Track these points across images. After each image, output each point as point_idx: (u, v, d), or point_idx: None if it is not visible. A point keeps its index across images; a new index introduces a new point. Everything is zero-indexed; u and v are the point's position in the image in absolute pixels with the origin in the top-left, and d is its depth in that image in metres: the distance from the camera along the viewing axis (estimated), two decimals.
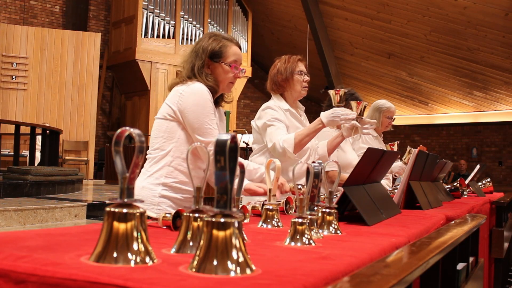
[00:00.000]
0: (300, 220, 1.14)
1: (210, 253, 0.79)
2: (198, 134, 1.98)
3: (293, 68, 2.65)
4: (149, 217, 1.37)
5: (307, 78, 2.67)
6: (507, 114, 12.53)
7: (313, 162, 1.25)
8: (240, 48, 2.14)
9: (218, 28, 12.72)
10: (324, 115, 2.42)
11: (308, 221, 1.16)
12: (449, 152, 14.08)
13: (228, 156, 0.79)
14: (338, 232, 1.37)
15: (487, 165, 11.56)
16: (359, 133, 2.54)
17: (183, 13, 12.13)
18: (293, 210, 1.77)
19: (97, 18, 13.03)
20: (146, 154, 2.08)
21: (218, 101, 2.18)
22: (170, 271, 0.79)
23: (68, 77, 11.03)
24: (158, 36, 11.82)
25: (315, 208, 1.29)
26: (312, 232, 1.22)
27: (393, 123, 3.81)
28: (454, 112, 13.44)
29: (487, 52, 10.77)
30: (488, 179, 4.24)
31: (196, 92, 1.99)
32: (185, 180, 2.02)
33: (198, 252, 0.80)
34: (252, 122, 2.69)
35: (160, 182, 2.02)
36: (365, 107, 2.57)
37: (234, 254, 0.79)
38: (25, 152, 9.10)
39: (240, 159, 1.92)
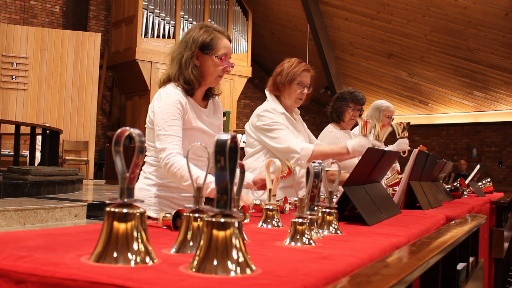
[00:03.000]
0: (300, 220, 1.14)
1: (210, 253, 0.79)
2: (156, 139, 1.95)
3: (294, 76, 2.56)
4: (149, 217, 1.37)
5: (305, 91, 2.58)
6: (507, 114, 12.52)
7: (313, 162, 1.25)
8: (230, 41, 2.10)
9: None
10: (351, 144, 2.38)
11: (308, 221, 1.16)
12: (449, 152, 14.08)
13: (228, 156, 0.79)
14: (338, 232, 1.37)
15: (487, 165, 11.55)
16: None
17: (183, 13, 12.13)
18: (288, 208, 1.78)
19: (97, 18, 13.03)
20: (145, 156, 2.09)
21: (207, 94, 2.14)
22: (170, 271, 0.79)
23: (68, 77, 11.03)
24: (158, 36, 11.82)
25: (315, 208, 1.29)
26: (312, 232, 1.22)
27: (393, 123, 3.80)
28: (454, 112, 13.44)
29: (487, 52, 10.77)
30: (488, 179, 4.24)
31: (163, 98, 1.98)
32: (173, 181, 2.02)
33: (198, 252, 0.80)
34: (246, 126, 2.62)
35: (155, 182, 2.04)
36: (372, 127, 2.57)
37: (234, 254, 0.79)
38: (25, 152, 9.10)
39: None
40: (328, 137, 3.17)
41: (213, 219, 0.80)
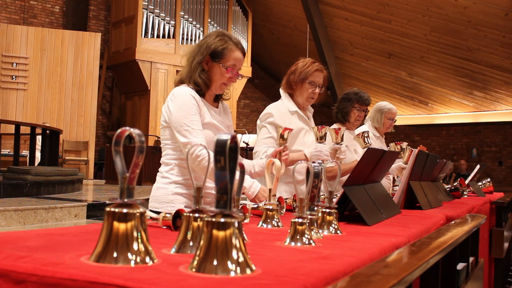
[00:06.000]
0: (300, 220, 1.14)
1: (210, 253, 0.79)
2: (178, 136, 2.02)
3: (307, 75, 2.63)
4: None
5: (316, 90, 2.65)
6: (507, 114, 12.52)
7: (313, 162, 1.25)
8: (244, 54, 2.16)
9: (218, 28, 12.72)
10: (308, 151, 2.48)
11: (308, 221, 1.16)
12: (449, 152, 14.07)
13: (228, 156, 0.79)
14: (338, 232, 1.37)
15: (487, 165, 11.53)
16: (340, 159, 2.59)
17: (183, 13, 12.13)
18: (284, 210, 1.78)
19: (97, 18, 13.03)
20: (161, 156, 2.17)
21: (218, 96, 2.22)
22: (170, 271, 0.79)
23: (68, 77, 11.03)
24: (158, 36, 11.82)
25: (315, 208, 1.29)
26: (312, 232, 1.22)
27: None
28: (454, 112, 13.43)
29: (487, 52, 10.77)
30: (488, 179, 4.24)
31: (177, 97, 2.05)
32: (198, 176, 2.05)
33: (198, 252, 0.80)
34: (258, 121, 2.70)
35: (172, 180, 2.09)
36: (343, 133, 2.60)
37: (234, 254, 0.79)
38: (25, 152, 9.10)
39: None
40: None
41: (213, 219, 0.80)
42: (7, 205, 5.36)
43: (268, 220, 1.44)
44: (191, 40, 12.17)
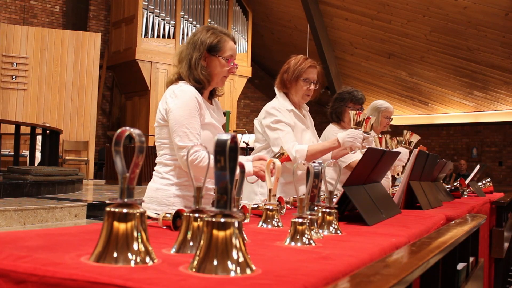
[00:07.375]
0: (300, 220, 1.14)
1: (210, 253, 0.79)
2: (174, 136, 1.98)
3: (300, 73, 2.60)
4: (149, 217, 1.37)
5: (311, 87, 2.62)
6: (507, 114, 12.52)
7: (313, 162, 1.25)
8: (235, 43, 2.19)
9: None
10: (341, 136, 2.43)
11: (308, 221, 1.16)
12: (449, 152, 14.07)
13: (228, 156, 0.79)
14: (338, 232, 1.37)
15: (487, 165, 11.52)
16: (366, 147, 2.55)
17: (183, 13, 12.13)
18: (284, 210, 1.78)
19: (97, 18, 13.03)
20: (157, 156, 2.12)
21: (212, 93, 2.21)
22: (170, 271, 0.79)
23: (68, 77, 11.03)
24: (158, 36, 11.82)
25: (315, 208, 1.29)
26: (312, 232, 1.22)
27: (393, 123, 3.80)
28: (454, 112, 13.43)
29: (487, 52, 10.77)
30: (488, 179, 4.23)
31: (178, 95, 2.01)
32: (198, 177, 2.03)
33: (198, 252, 0.80)
34: (255, 121, 2.66)
35: (173, 182, 2.05)
36: (372, 123, 2.56)
37: (234, 254, 0.79)
38: (25, 152, 9.10)
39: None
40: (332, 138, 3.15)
41: (213, 219, 0.80)
42: (7, 205, 5.36)
43: (268, 220, 1.44)
44: None
